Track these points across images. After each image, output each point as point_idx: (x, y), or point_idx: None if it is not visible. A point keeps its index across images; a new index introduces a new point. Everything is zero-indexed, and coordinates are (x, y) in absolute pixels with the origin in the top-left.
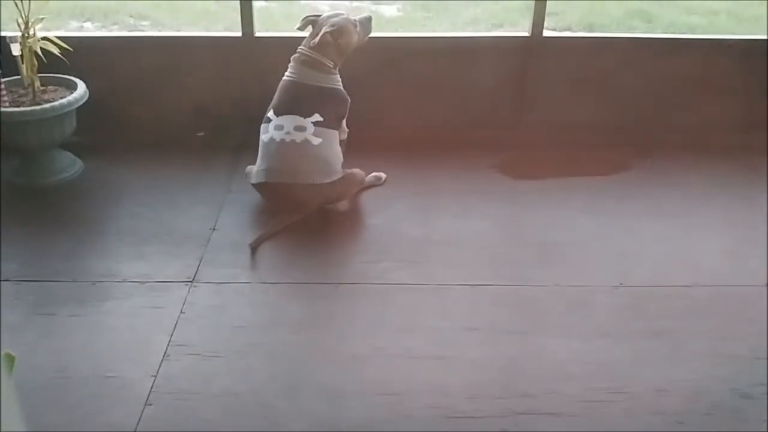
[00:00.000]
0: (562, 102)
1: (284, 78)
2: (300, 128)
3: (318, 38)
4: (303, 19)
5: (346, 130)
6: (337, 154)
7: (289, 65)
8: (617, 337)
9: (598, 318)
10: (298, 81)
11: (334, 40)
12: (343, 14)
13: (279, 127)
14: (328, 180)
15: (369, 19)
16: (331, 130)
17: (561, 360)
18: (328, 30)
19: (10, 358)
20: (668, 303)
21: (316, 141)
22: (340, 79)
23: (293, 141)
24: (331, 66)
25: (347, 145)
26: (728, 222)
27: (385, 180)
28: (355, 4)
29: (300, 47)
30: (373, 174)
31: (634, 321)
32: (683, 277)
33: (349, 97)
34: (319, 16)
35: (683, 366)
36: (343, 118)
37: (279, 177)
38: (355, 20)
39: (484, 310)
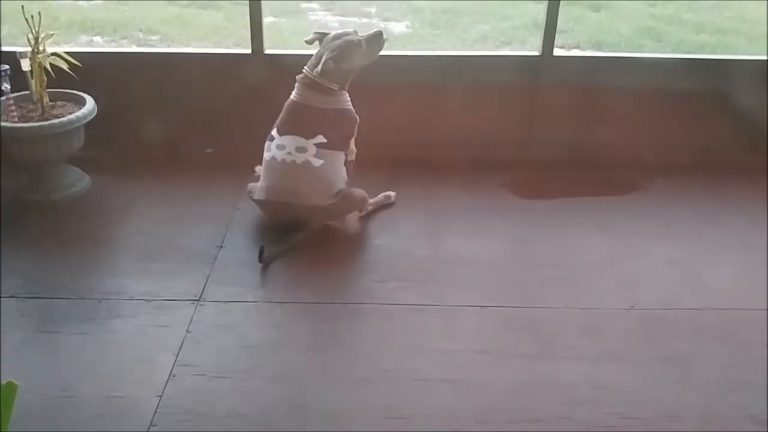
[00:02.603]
0: (572, 121)
1: (290, 98)
2: (301, 149)
3: (320, 66)
4: (314, 33)
5: (354, 150)
6: (340, 175)
7: (295, 85)
8: (628, 361)
9: (609, 342)
10: (302, 102)
11: (336, 65)
12: (350, 33)
13: (281, 147)
14: (327, 203)
15: (379, 35)
16: (334, 152)
17: (571, 384)
18: (329, 56)
19: (12, 387)
20: (680, 327)
21: (318, 163)
22: (348, 98)
23: (294, 162)
24: (336, 88)
25: (355, 165)
26: (741, 244)
27: (394, 198)
28: (364, 20)
29: (305, 68)
30: (383, 194)
31: (645, 345)
32: (695, 300)
33: (357, 117)
34: (328, 33)
35: (696, 391)
36: (350, 138)
37: (279, 196)
38: (360, 39)
39: (493, 332)
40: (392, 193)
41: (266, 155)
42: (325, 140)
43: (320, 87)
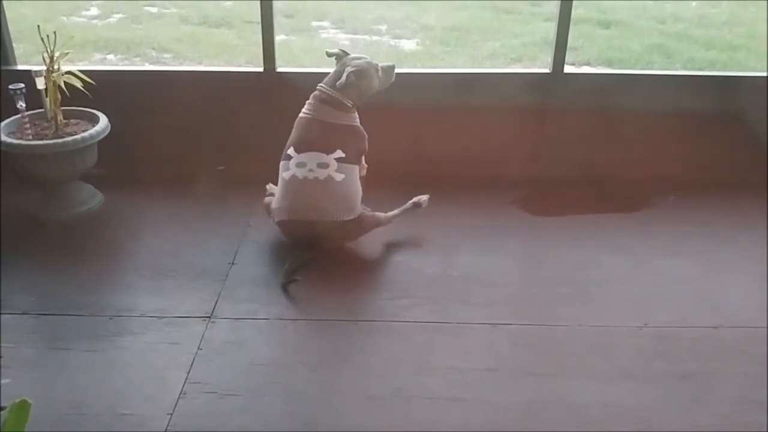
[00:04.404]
0: (583, 138)
1: (301, 115)
2: (323, 165)
3: (344, 78)
4: (337, 49)
5: (365, 166)
6: (358, 189)
7: (308, 102)
8: (641, 379)
9: (621, 360)
10: (315, 118)
11: (357, 80)
12: (366, 58)
13: (301, 165)
14: (350, 217)
15: (392, 68)
16: (352, 166)
17: (583, 403)
18: (352, 70)
19: (26, 405)
20: (693, 345)
21: (339, 177)
22: (357, 116)
23: (317, 178)
24: (350, 105)
25: (365, 182)
26: (754, 261)
27: (426, 200)
28: (374, 38)
29: (320, 84)
30: (421, 198)
31: (658, 363)
32: (709, 318)
33: (366, 133)
34: (348, 54)
35: (709, 411)
36: (363, 154)
37: (302, 215)
38: (377, 65)
39: (504, 350)
40: (425, 197)
41: (285, 174)
42: (343, 154)
43: (336, 102)
